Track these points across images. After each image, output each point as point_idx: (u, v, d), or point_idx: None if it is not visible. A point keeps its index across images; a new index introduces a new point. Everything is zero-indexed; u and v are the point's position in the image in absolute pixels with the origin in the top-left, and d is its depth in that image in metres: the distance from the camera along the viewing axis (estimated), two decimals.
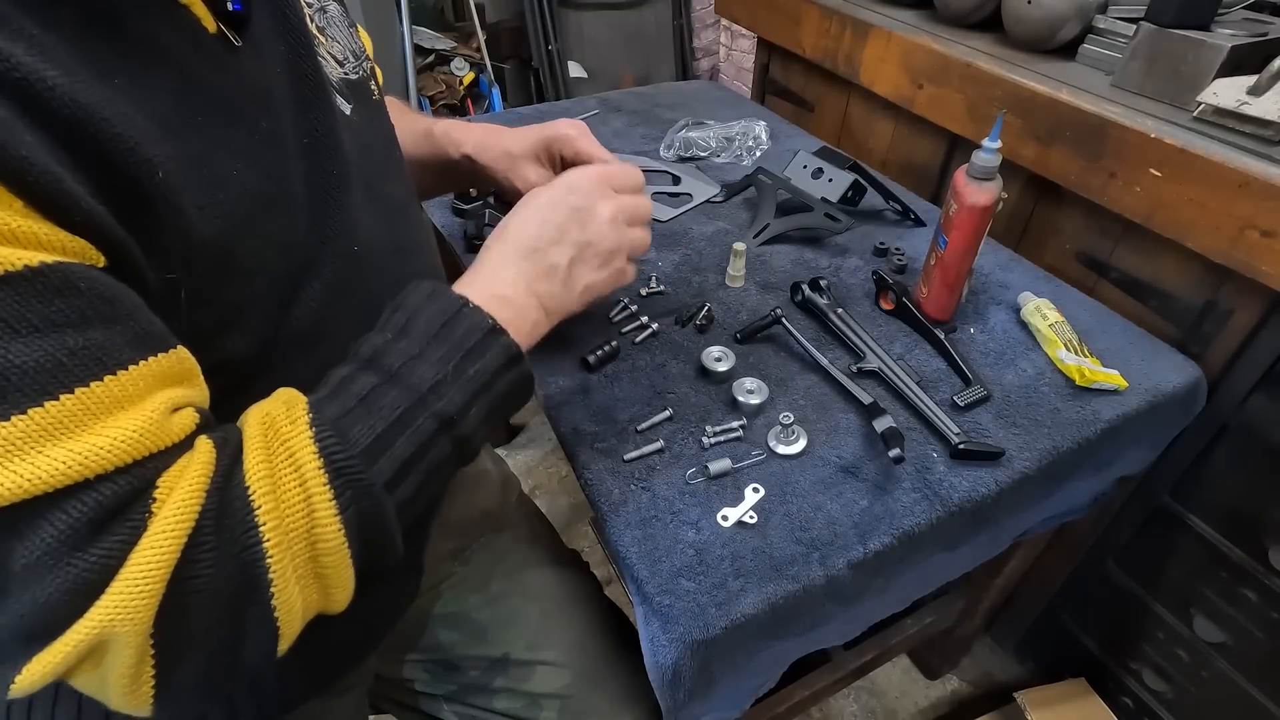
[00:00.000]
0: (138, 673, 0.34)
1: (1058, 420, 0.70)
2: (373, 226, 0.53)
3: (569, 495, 1.66)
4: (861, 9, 1.16)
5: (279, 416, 0.40)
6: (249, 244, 0.41)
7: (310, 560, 0.39)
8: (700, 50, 2.83)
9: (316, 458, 0.39)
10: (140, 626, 0.33)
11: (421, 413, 0.43)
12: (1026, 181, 0.98)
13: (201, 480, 0.36)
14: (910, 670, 1.34)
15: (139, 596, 0.32)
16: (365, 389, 0.42)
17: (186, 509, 0.34)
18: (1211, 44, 0.78)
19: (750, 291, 0.86)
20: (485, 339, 0.46)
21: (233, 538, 0.36)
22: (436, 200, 1.02)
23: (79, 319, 0.32)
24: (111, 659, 0.33)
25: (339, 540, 0.39)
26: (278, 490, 0.38)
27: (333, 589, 0.41)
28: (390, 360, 0.44)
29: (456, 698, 0.72)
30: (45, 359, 0.31)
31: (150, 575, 0.33)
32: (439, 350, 0.45)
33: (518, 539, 0.79)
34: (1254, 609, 0.88)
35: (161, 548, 0.33)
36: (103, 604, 0.32)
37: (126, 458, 0.33)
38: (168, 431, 0.36)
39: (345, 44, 0.57)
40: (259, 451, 0.39)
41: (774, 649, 0.61)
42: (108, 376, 0.33)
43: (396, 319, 0.46)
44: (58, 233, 0.32)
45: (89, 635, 0.32)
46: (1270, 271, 0.72)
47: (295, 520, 0.38)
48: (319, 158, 0.48)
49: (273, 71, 0.46)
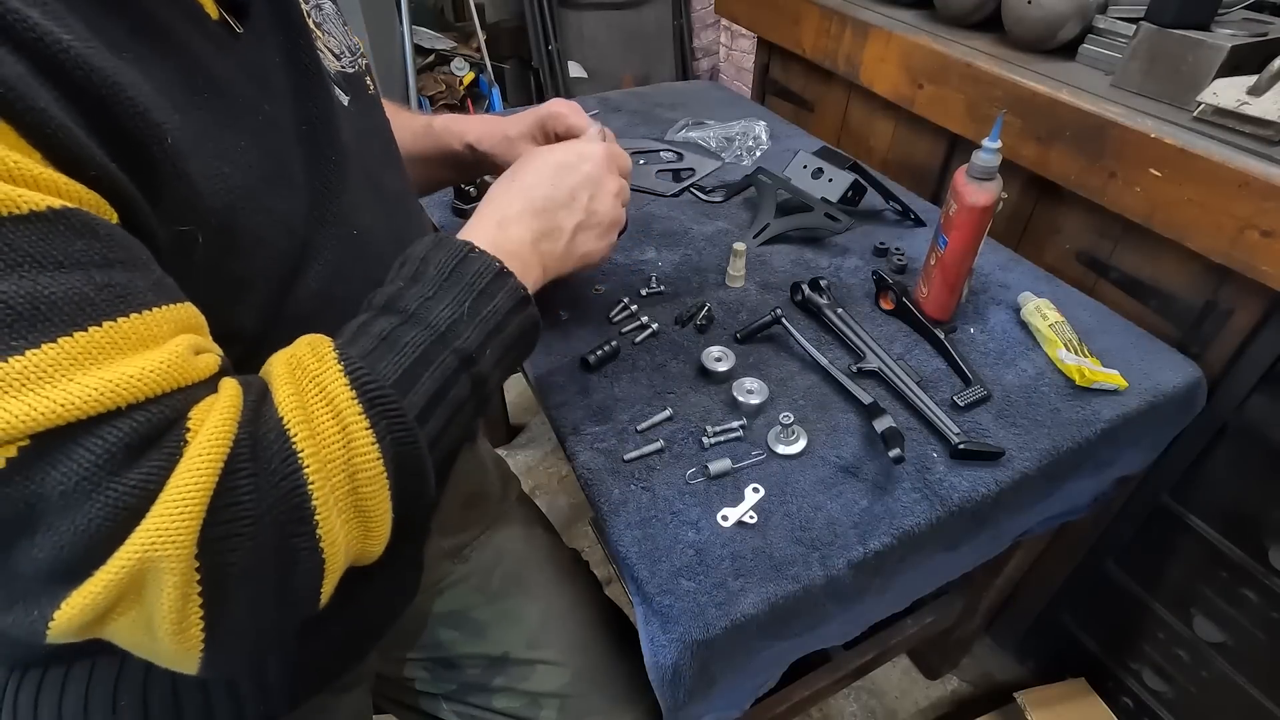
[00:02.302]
0: (184, 609, 0.33)
1: (1058, 420, 0.70)
2: (372, 214, 0.54)
3: (569, 495, 1.66)
4: (861, 9, 1.16)
5: (305, 356, 0.40)
6: (253, 218, 0.42)
7: (350, 492, 0.39)
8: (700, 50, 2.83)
9: (349, 389, 0.39)
10: (182, 551, 0.32)
11: (442, 349, 0.44)
12: (1026, 181, 0.98)
13: (232, 413, 0.36)
14: (910, 670, 1.34)
15: (180, 519, 0.32)
16: (385, 329, 0.43)
17: (221, 436, 0.35)
18: (1211, 44, 0.78)
19: (750, 291, 0.86)
20: (495, 281, 0.47)
21: (271, 466, 0.36)
22: (436, 200, 1.02)
23: (101, 260, 0.33)
24: (154, 593, 0.33)
25: (378, 469, 0.39)
26: (312, 421, 0.38)
27: (373, 525, 0.40)
28: (406, 303, 0.44)
29: (456, 696, 0.72)
30: (73, 292, 0.31)
31: (190, 498, 0.32)
32: (452, 292, 0.46)
33: (518, 538, 0.79)
34: (1254, 609, 0.88)
35: (199, 471, 0.33)
36: (143, 529, 0.31)
37: (156, 388, 0.34)
38: (193, 368, 0.36)
39: (341, 40, 0.58)
40: (288, 387, 0.39)
41: (774, 649, 0.61)
42: (133, 314, 0.34)
43: (405, 269, 0.47)
44: (74, 184, 0.32)
45: (130, 563, 0.31)
46: (1270, 271, 0.72)
47: (333, 451, 0.38)
48: (317, 144, 0.49)
49: (272, 59, 0.47)
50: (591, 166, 0.56)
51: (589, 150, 0.57)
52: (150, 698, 0.50)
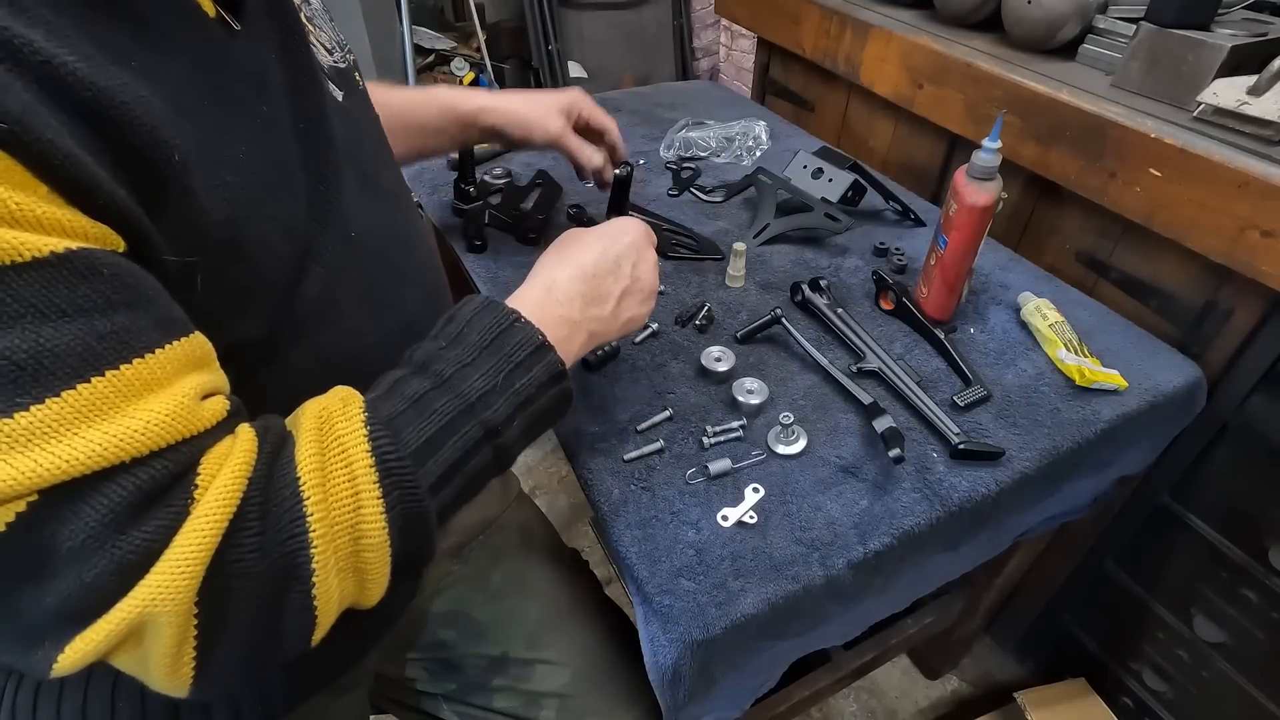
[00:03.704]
0: (178, 653, 0.35)
1: (1058, 420, 0.70)
2: (368, 213, 0.54)
3: (569, 495, 1.66)
4: (861, 9, 1.16)
5: (335, 411, 0.41)
6: (255, 227, 0.42)
7: (353, 554, 0.40)
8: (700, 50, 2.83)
9: (369, 455, 0.40)
10: (181, 607, 0.33)
11: (470, 420, 0.44)
12: (1026, 181, 0.98)
13: (245, 467, 0.37)
14: (910, 670, 1.34)
15: (180, 579, 0.33)
16: (418, 392, 0.44)
17: (230, 494, 0.35)
18: (1211, 44, 0.78)
19: (750, 291, 0.86)
20: (534, 354, 0.48)
21: (279, 525, 0.37)
22: (436, 200, 1.02)
23: (105, 304, 0.33)
24: (152, 639, 0.34)
25: (382, 537, 0.40)
26: (327, 483, 0.39)
27: (369, 583, 0.42)
28: (442, 366, 0.45)
29: (456, 696, 0.72)
30: (75, 343, 0.31)
31: (191, 559, 0.33)
32: (490, 361, 0.46)
33: (518, 538, 0.79)
34: (1254, 609, 0.88)
35: (203, 532, 0.34)
36: (145, 585, 0.32)
37: (161, 441, 0.34)
38: (200, 416, 0.36)
39: (330, 34, 0.58)
40: (313, 444, 0.40)
41: (774, 649, 0.61)
42: (136, 360, 0.33)
43: (450, 329, 0.48)
44: (80, 218, 0.32)
45: (131, 615, 0.32)
46: (1270, 271, 0.72)
47: (342, 514, 0.39)
48: (313, 143, 0.48)
49: (268, 56, 0.47)
50: (632, 238, 0.59)
51: (630, 224, 0.60)
52: (148, 701, 0.50)
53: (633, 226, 0.60)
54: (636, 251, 0.59)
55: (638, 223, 0.61)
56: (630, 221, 0.61)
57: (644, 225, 0.61)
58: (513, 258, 0.91)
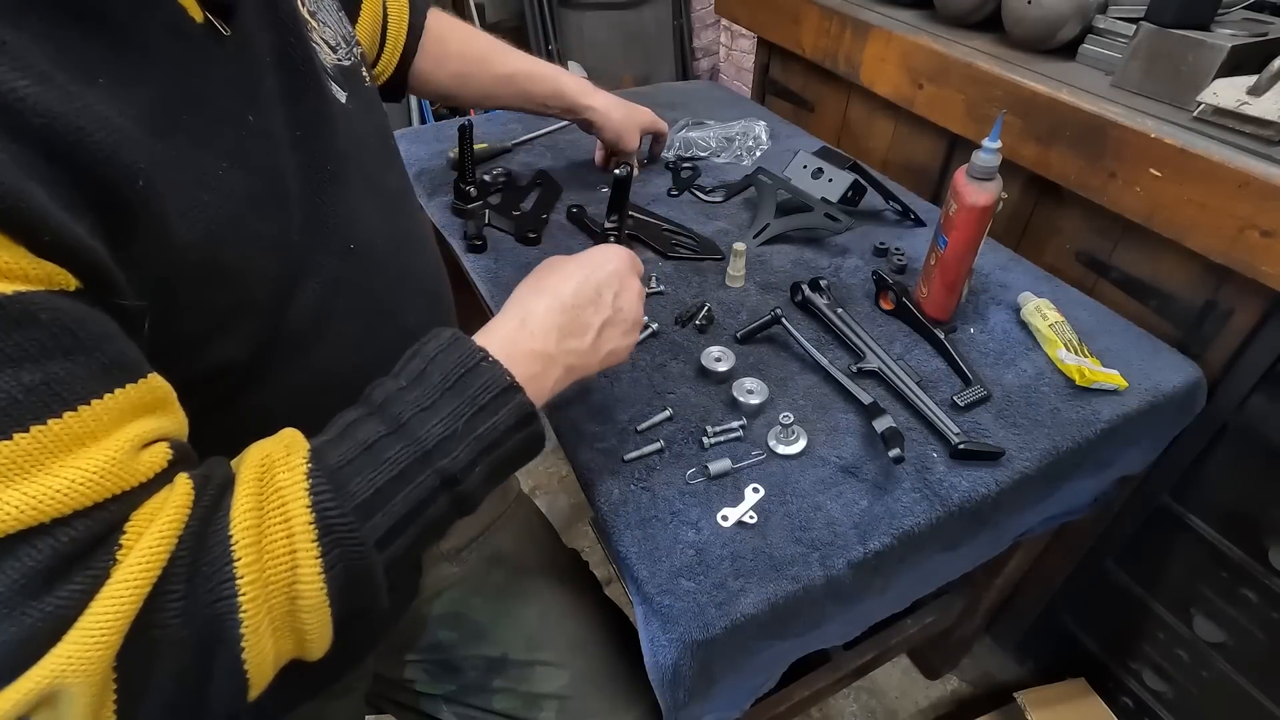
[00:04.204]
0: (97, 718, 0.33)
1: (1058, 420, 0.70)
2: (371, 221, 0.53)
3: (569, 495, 1.66)
4: (861, 9, 1.16)
5: (277, 460, 0.39)
6: (236, 247, 0.40)
7: (288, 614, 0.38)
8: (700, 50, 2.83)
9: (308, 510, 0.37)
10: (94, 678, 0.31)
11: (424, 469, 0.42)
12: (1026, 181, 0.98)
13: (175, 524, 0.34)
14: (910, 670, 1.34)
15: (93, 649, 0.31)
16: (370, 438, 0.41)
17: (155, 556, 0.33)
18: (1211, 44, 0.78)
19: (750, 291, 0.86)
20: (500, 396, 0.44)
21: (207, 587, 0.35)
22: (436, 200, 1.02)
23: (38, 352, 0.31)
24: (66, 707, 0.32)
25: (320, 598, 0.38)
26: (263, 540, 0.36)
27: (309, 641, 0.40)
28: (400, 409, 0.42)
29: (455, 698, 0.72)
30: (7, 394, 0.30)
31: (107, 628, 0.31)
32: (451, 404, 0.43)
33: (517, 539, 0.79)
34: (1254, 609, 0.88)
35: (122, 598, 0.32)
36: (55, 654, 0.31)
37: (86, 500, 0.32)
38: (133, 471, 0.34)
39: (336, 29, 0.56)
40: (250, 497, 0.37)
41: (774, 649, 0.61)
42: (67, 413, 0.31)
43: (412, 366, 0.45)
44: (21, 259, 0.30)
45: (40, 685, 0.31)
46: (1270, 271, 0.72)
47: (277, 573, 0.37)
48: (312, 151, 0.47)
49: (262, 62, 0.45)
50: (615, 266, 0.56)
51: (612, 252, 0.57)
52: None
53: (616, 254, 0.57)
54: (619, 280, 0.55)
55: (622, 250, 0.58)
56: (614, 249, 0.58)
57: (629, 253, 0.58)
58: (513, 258, 0.91)
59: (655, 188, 1.06)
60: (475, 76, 0.89)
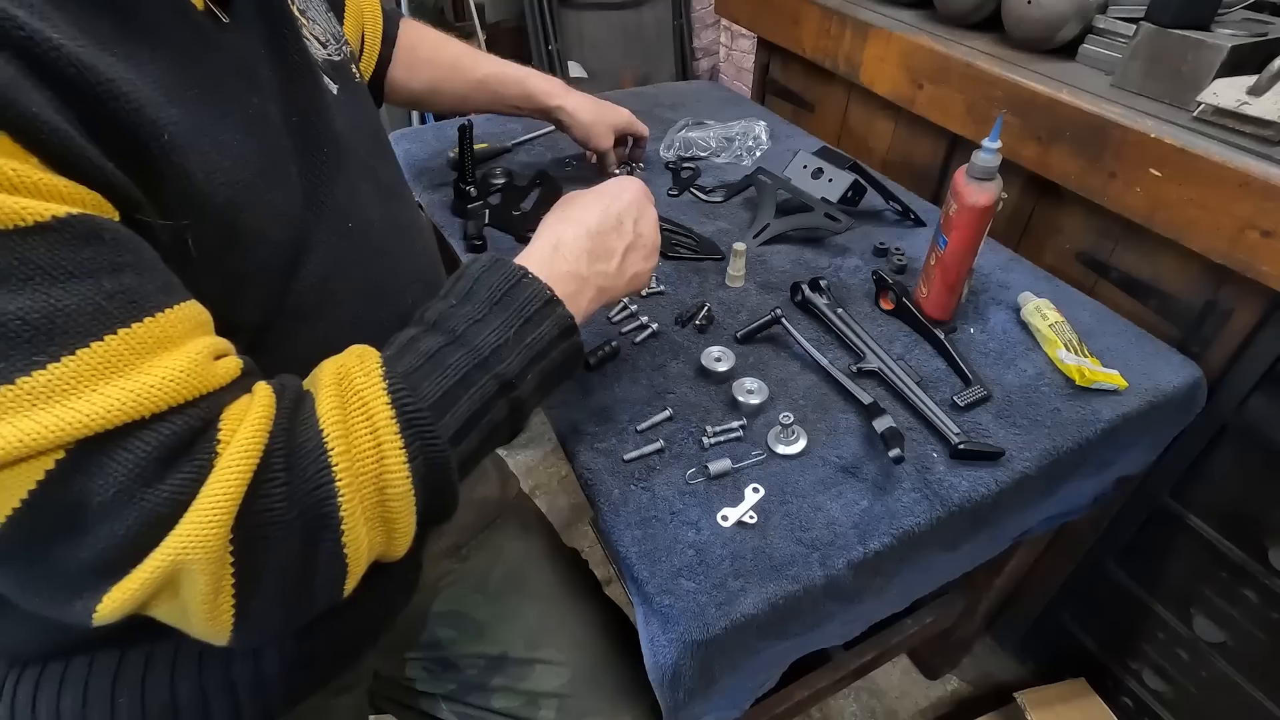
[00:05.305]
0: (215, 601, 0.36)
1: (1058, 420, 0.70)
2: (368, 204, 0.54)
3: (569, 495, 1.66)
4: (861, 9, 1.16)
5: (352, 367, 0.42)
6: (252, 211, 0.42)
7: (379, 504, 0.41)
8: (700, 50, 2.83)
9: (389, 407, 0.41)
10: (212, 555, 0.34)
11: (484, 374, 0.45)
12: (1026, 181, 0.98)
13: (265, 421, 0.37)
14: (910, 670, 1.34)
15: (209, 528, 0.34)
16: (432, 348, 0.45)
17: (253, 446, 0.36)
18: (1211, 44, 0.78)
19: (750, 291, 0.86)
20: (544, 309, 0.48)
21: (306, 476, 0.38)
22: (437, 200, 1.02)
23: (110, 265, 0.33)
24: (189, 588, 0.35)
25: (406, 486, 0.41)
26: (350, 436, 0.39)
27: (397, 534, 0.43)
28: (455, 323, 0.46)
29: (455, 696, 0.72)
30: (85, 303, 0.32)
31: (219, 509, 0.34)
32: (500, 316, 0.47)
33: (517, 537, 0.79)
34: (1254, 609, 0.88)
35: (229, 482, 0.35)
36: (175, 535, 0.34)
37: (180, 397, 0.35)
38: (213, 374, 0.37)
39: (325, 27, 0.58)
40: (333, 399, 0.40)
41: (774, 649, 0.61)
42: (146, 319, 0.34)
43: (459, 286, 0.49)
44: (75, 187, 0.32)
45: (163, 565, 0.34)
46: (1270, 271, 0.72)
47: (366, 465, 0.40)
48: (309, 136, 0.48)
49: (257, 51, 0.46)
50: (631, 195, 0.60)
51: (628, 182, 0.61)
52: (148, 696, 0.50)
53: (631, 184, 0.61)
54: (637, 208, 0.60)
55: (635, 180, 0.62)
56: (628, 180, 0.62)
57: (641, 183, 0.62)
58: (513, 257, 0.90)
59: (655, 188, 1.06)
60: (447, 83, 0.90)
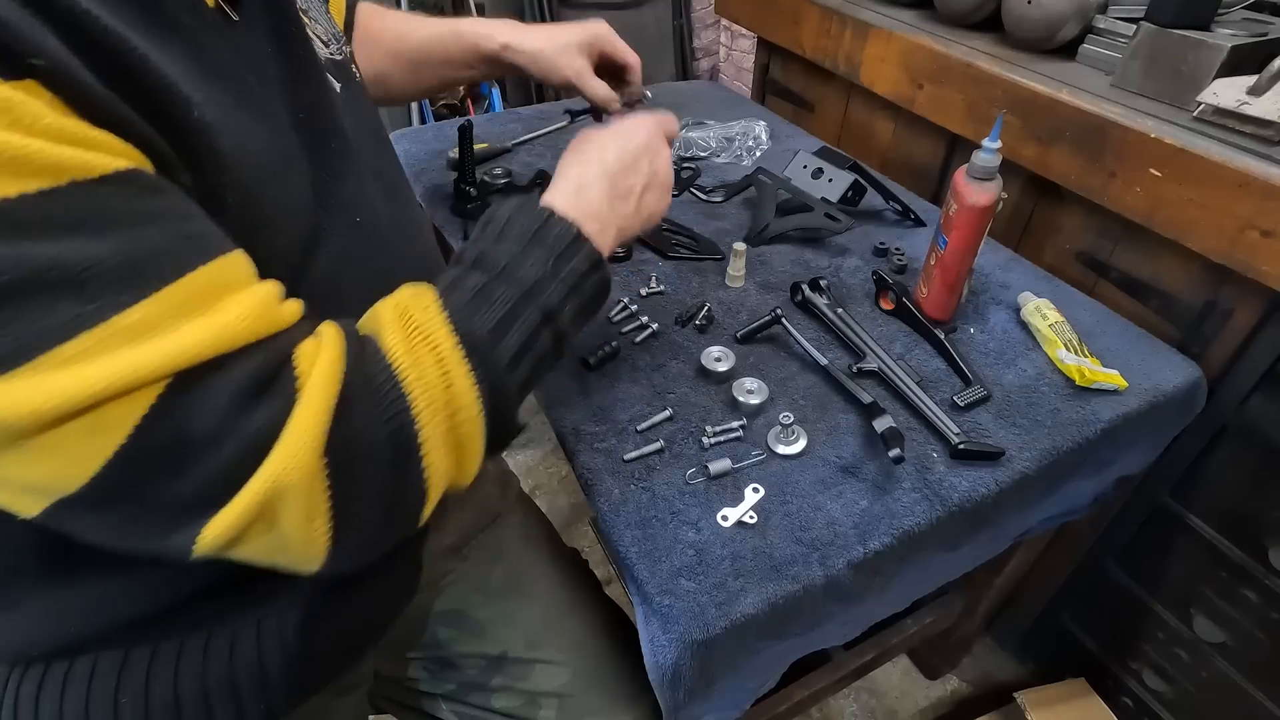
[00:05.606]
0: (311, 525, 0.38)
1: (1058, 420, 0.70)
2: (374, 200, 0.55)
3: (569, 495, 1.66)
4: (861, 9, 1.16)
5: (411, 305, 0.44)
6: (273, 197, 0.43)
7: (450, 430, 0.43)
8: (700, 50, 2.83)
9: (452, 336, 0.43)
10: (306, 477, 0.36)
11: (528, 305, 0.47)
12: (1026, 181, 0.98)
13: (338, 356, 0.39)
14: (910, 670, 1.34)
15: (301, 451, 0.36)
16: (478, 284, 0.46)
17: (331, 377, 0.38)
18: (1211, 44, 0.78)
19: (750, 291, 0.86)
20: (574, 244, 0.51)
21: (384, 404, 0.40)
22: (436, 200, 1.02)
23: (176, 213, 0.35)
24: (286, 514, 0.37)
25: (475, 409, 0.43)
26: (419, 366, 0.42)
27: (466, 459, 0.45)
28: (495, 260, 0.48)
29: (455, 696, 0.72)
30: (162, 245, 0.33)
31: (308, 433, 0.36)
32: (536, 252, 0.49)
33: (517, 537, 0.79)
34: (1254, 609, 0.88)
35: (314, 409, 0.37)
36: (271, 460, 0.35)
37: (258, 332, 0.36)
38: (284, 313, 0.39)
39: (326, 26, 0.58)
40: (397, 334, 0.42)
41: (774, 649, 0.61)
42: (215, 260, 0.36)
43: (491, 229, 0.50)
44: (128, 147, 0.33)
45: (262, 491, 0.35)
46: (1270, 271, 0.72)
47: (436, 393, 0.42)
48: (316, 133, 0.49)
49: (265, 47, 0.47)
50: (647, 133, 0.61)
51: (644, 120, 0.62)
52: (151, 697, 0.50)
53: (645, 123, 0.62)
54: (652, 148, 0.61)
55: (649, 118, 0.63)
56: (642, 119, 0.62)
57: (654, 120, 0.63)
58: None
59: None
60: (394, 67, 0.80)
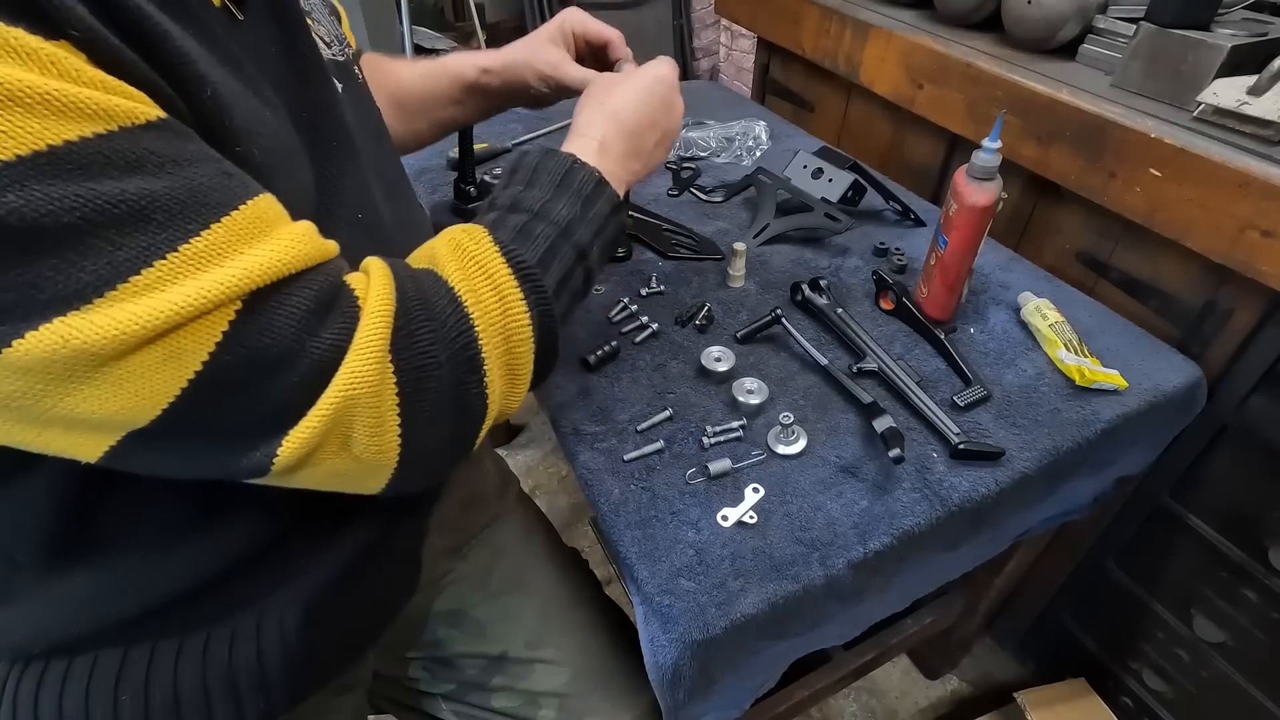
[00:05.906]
0: (382, 437, 0.40)
1: (1058, 420, 0.70)
2: (376, 197, 0.55)
3: (569, 495, 1.66)
4: (861, 9, 1.16)
5: (463, 240, 0.47)
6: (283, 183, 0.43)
7: (505, 352, 0.46)
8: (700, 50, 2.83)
9: (505, 264, 0.46)
10: (375, 389, 0.39)
11: (565, 242, 0.50)
12: (1026, 181, 0.98)
13: (388, 280, 0.42)
14: (910, 670, 1.34)
15: (369, 365, 0.38)
16: (519, 224, 0.49)
17: (388, 298, 0.40)
18: (1211, 44, 0.78)
19: (750, 291, 0.86)
20: (596, 188, 0.54)
21: (448, 324, 0.43)
22: (436, 200, 1.02)
23: (213, 157, 0.36)
24: (359, 428, 0.39)
25: (528, 333, 0.46)
26: (476, 292, 0.45)
27: (517, 382, 0.48)
28: (530, 203, 0.51)
29: (455, 696, 0.72)
30: (214, 179, 0.35)
31: (374, 347, 0.39)
32: (565, 195, 0.52)
33: (517, 537, 0.79)
34: (1254, 609, 0.88)
35: (376, 326, 0.39)
36: (341, 375, 0.38)
37: (312, 258, 0.38)
38: (326, 244, 0.40)
39: (329, 28, 0.58)
40: (454, 264, 0.45)
41: (774, 649, 0.61)
42: (258, 196, 0.37)
43: (519, 176, 0.54)
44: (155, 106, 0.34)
45: (335, 404, 0.37)
46: (1270, 271, 0.72)
47: (493, 316, 0.45)
48: (318, 131, 0.49)
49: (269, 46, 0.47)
50: (665, 90, 0.63)
51: (663, 73, 0.63)
52: (151, 694, 0.50)
53: (667, 75, 0.63)
54: (669, 104, 0.63)
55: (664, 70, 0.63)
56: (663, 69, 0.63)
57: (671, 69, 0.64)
58: None
59: (655, 188, 1.06)
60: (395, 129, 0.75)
